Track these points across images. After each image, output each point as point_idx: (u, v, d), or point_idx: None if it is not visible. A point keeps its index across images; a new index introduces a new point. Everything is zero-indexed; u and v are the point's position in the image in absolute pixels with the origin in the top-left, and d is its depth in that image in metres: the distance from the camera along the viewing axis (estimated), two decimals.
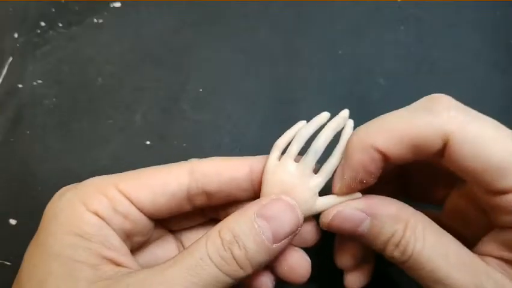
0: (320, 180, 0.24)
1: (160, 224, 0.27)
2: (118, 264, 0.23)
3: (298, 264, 0.25)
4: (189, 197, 0.25)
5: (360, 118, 0.36)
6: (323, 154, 0.25)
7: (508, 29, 0.37)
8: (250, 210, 0.23)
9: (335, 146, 0.25)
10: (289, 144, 0.25)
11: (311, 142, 0.25)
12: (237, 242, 0.22)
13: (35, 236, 0.23)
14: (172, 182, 0.24)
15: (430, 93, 0.35)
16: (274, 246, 0.22)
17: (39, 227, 0.23)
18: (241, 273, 0.22)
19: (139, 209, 0.24)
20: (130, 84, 0.37)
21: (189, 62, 0.38)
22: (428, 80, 0.36)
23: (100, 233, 0.23)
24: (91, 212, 0.23)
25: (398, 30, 0.38)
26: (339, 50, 0.38)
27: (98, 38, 0.39)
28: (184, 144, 0.36)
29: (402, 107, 0.23)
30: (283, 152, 0.25)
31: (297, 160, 0.25)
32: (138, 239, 0.25)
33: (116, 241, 0.23)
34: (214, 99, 0.37)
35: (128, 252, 0.24)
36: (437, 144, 0.21)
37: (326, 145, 0.25)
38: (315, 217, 0.25)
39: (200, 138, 0.36)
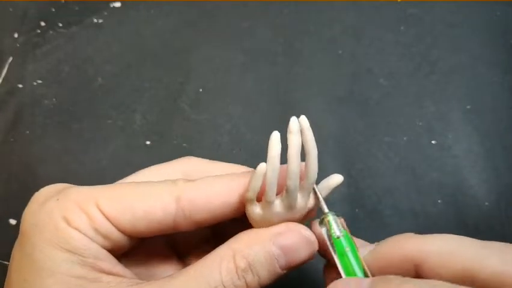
0: (309, 199, 0.24)
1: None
2: (114, 275, 0.22)
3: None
4: (175, 224, 0.24)
5: (360, 118, 0.36)
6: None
7: (508, 29, 0.37)
8: (265, 238, 0.22)
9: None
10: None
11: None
12: (251, 270, 0.22)
13: (19, 246, 0.23)
14: (157, 210, 0.23)
15: (430, 93, 0.36)
16: (284, 271, 0.23)
17: (21, 235, 0.23)
18: None
19: (118, 230, 0.23)
20: (130, 84, 0.37)
21: (189, 62, 0.38)
22: (428, 80, 0.36)
23: (89, 247, 0.22)
24: (73, 228, 0.22)
25: (398, 30, 0.38)
26: (339, 50, 0.38)
27: (98, 38, 0.39)
28: (184, 144, 0.36)
29: (402, 107, 0.23)
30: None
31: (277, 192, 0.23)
32: (121, 251, 0.24)
33: (104, 254, 0.23)
34: (214, 99, 0.37)
35: (118, 263, 0.23)
36: None
37: (298, 163, 0.22)
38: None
39: (200, 138, 0.36)
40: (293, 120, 0.22)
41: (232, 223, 0.27)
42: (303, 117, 0.22)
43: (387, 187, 0.33)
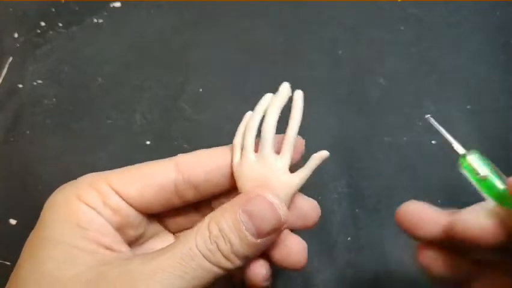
0: (284, 158, 0.24)
1: (159, 224, 0.28)
2: (113, 250, 0.24)
3: (294, 249, 0.25)
4: (177, 191, 0.25)
5: (360, 118, 0.36)
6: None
7: (508, 29, 0.37)
8: (235, 205, 0.23)
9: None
10: None
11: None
12: (223, 236, 0.22)
13: (35, 227, 0.24)
14: (158, 175, 0.25)
15: (430, 93, 0.36)
16: (259, 241, 0.23)
17: (39, 219, 0.24)
18: (228, 265, 0.23)
19: (128, 203, 0.25)
20: (130, 84, 0.37)
21: (189, 62, 0.38)
22: (428, 80, 0.36)
23: (95, 221, 0.24)
24: (83, 203, 0.24)
25: (398, 30, 0.38)
26: (339, 50, 0.38)
27: (98, 38, 0.39)
28: (184, 145, 0.36)
29: (402, 107, 0.23)
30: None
31: (257, 150, 0.25)
32: (130, 232, 0.26)
33: (109, 230, 0.24)
34: (214, 99, 0.37)
35: (122, 240, 0.25)
36: None
37: (274, 124, 0.24)
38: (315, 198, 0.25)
39: (200, 138, 0.36)
40: (285, 84, 0.25)
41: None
42: (298, 91, 0.25)
43: (387, 187, 0.33)
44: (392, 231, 0.31)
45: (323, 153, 0.25)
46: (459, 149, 0.22)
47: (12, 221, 0.34)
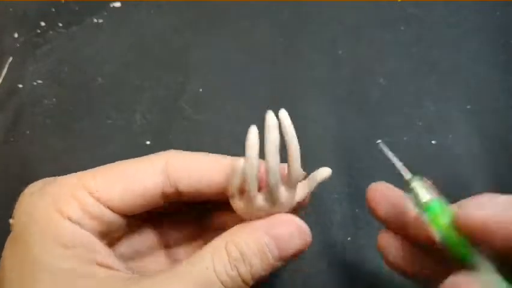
0: (292, 194, 0.23)
1: (150, 231, 0.27)
2: (108, 267, 0.22)
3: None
4: (164, 194, 0.24)
5: (360, 118, 0.36)
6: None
7: (508, 29, 0.37)
8: (258, 228, 0.22)
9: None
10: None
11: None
12: (243, 260, 0.22)
13: (12, 239, 0.23)
14: (145, 182, 0.24)
15: (430, 93, 0.36)
16: (278, 263, 0.23)
17: (15, 228, 0.23)
18: (243, 286, 0.22)
19: (111, 209, 0.24)
20: (130, 84, 0.37)
21: (189, 62, 0.38)
22: (428, 80, 0.36)
23: (82, 239, 0.22)
24: (66, 219, 0.22)
25: (398, 30, 0.38)
26: (339, 50, 0.38)
27: (98, 38, 0.39)
28: (184, 145, 0.36)
29: (402, 107, 0.23)
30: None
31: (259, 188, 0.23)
32: (114, 235, 0.25)
33: (97, 244, 0.23)
34: (214, 99, 0.37)
35: (111, 253, 0.24)
36: None
37: (277, 162, 0.22)
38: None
39: (200, 138, 0.36)
40: (269, 114, 0.21)
41: (220, 218, 0.27)
42: (282, 111, 0.22)
43: None
44: None
45: (324, 172, 0.24)
46: (406, 174, 0.23)
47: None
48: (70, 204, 0.23)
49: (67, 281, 0.21)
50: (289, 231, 0.23)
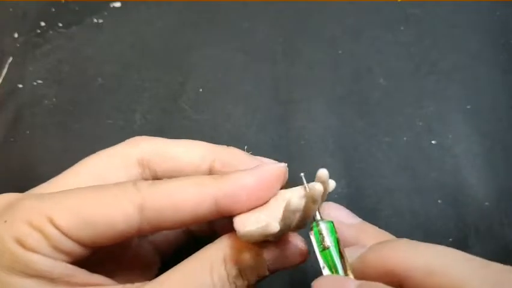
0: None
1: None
2: (91, 285, 0.21)
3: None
4: (139, 232, 0.22)
5: (360, 118, 0.36)
6: None
7: (508, 29, 0.37)
8: (259, 245, 0.22)
9: None
10: None
11: None
12: (241, 276, 0.22)
13: None
14: (118, 222, 0.21)
15: (430, 93, 0.36)
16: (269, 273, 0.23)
17: None
18: None
19: (80, 244, 0.21)
20: (130, 84, 0.37)
21: (189, 62, 0.38)
22: (428, 80, 0.36)
23: (54, 266, 0.20)
24: (31, 252, 0.20)
25: (398, 30, 0.38)
26: (339, 50, 0.38)
27: (98, 38, 0.39)
28: None
29: (402, 107, 0.23)
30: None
31: None
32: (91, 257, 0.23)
33: (73, 269, 0.21)
34: (214, 99, 0.37)
35: (91, 273, 0.22)
36: None
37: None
38: None
39: (200, 138, 0.35)
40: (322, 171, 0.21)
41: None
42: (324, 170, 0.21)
43: (387, 187, 0.33)
44: (392, 231, 0.31)
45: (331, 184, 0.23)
46: (316, 215, 0.23)
47: None
48: (32, 236, 0.20)
49: None
50: (290, 252, 0.23)
